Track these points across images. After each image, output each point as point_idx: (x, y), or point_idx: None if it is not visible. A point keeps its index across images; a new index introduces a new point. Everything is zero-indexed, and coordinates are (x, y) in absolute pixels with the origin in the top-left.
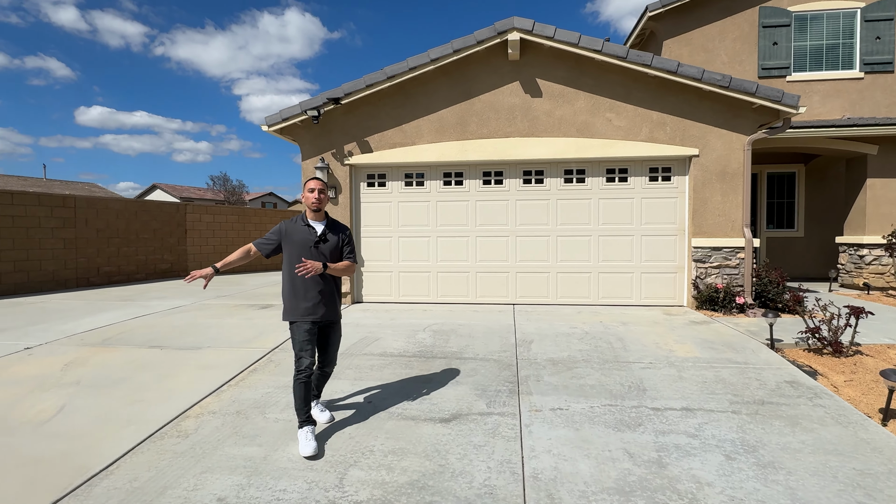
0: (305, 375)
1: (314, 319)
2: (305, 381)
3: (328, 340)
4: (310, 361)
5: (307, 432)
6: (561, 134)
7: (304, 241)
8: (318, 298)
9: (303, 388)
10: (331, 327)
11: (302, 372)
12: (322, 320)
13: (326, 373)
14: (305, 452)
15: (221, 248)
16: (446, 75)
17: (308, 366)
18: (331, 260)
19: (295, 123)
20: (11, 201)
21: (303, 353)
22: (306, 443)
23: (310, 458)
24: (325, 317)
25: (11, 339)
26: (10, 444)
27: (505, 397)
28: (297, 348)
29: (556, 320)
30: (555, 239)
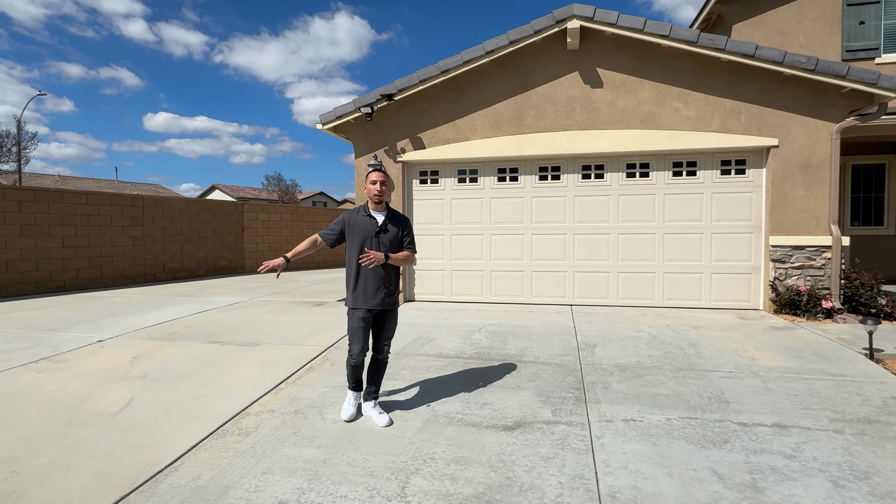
0: (355, 360)
1: (369, 307)
2: (354, 365)
3: (382, 327)
4: (360, 348)
5: (352, 397)
6: (623, 126)
7: (366, 231)
8: (375, 287)
9: (351, 369)
10: (386, 315)
11: (352, 357)
12: (377, 308)
13: (379, 360)
14: (344, 416)
15: (276, 246)
16: (501, 68)
17: (358, 352)
18: (391, 250)
19: (348, 121)
20: (86, 201)
21: (354, 339)
22: (347, 407)
23: (347, 421)
24: (381, 305)
25: (86, 332)
26: (83, 435)
27: (571, 405)
28: (350, 334)
29: (618, 323)
30: (615, 237)
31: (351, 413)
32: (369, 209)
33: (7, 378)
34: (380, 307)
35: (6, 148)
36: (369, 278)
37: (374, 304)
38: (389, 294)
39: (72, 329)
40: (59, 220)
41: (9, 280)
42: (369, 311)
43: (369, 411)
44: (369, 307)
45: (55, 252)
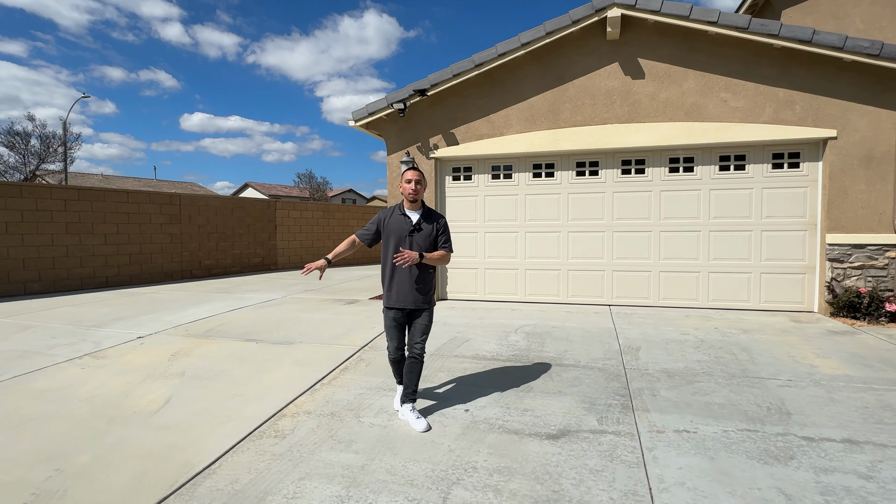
0: (393, 357)
1: (400, 306)
2: (394, 360)
3: (413, 325)
4: (395, 345)
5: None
6: (666, 118)
7: (400, 230)
8: (408, 286)
9: (394, 364)
10: (418, 314)
11: (390, 353)
12: (408, 307)
13: (412, 359)
14: (396, 406)
15: (307, 243)
16: (537, 60)
17: (394, 349)
18: (425, 249)
19: (380, 118)
20: (127, 199)
21: (389, 337)
22: (397, 398)
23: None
24: (414, 304)
25: (127, 328)
26: (124, 433)
27: (618, 413)
28: (386, 332)
29: (661, 324)
30: (657, 234)
31: (398, 399)
32: (404, 208)
33: (53, 373)
34: (412, 306)
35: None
36: (402, 278)
37: (407, 304)
38: (423, 293)
39: (113, 325)
40: (101, 217)
41: (55, 276)
42: (401, 310)
43: (406, 415)
44: (402, 306)
45: (98, 249)
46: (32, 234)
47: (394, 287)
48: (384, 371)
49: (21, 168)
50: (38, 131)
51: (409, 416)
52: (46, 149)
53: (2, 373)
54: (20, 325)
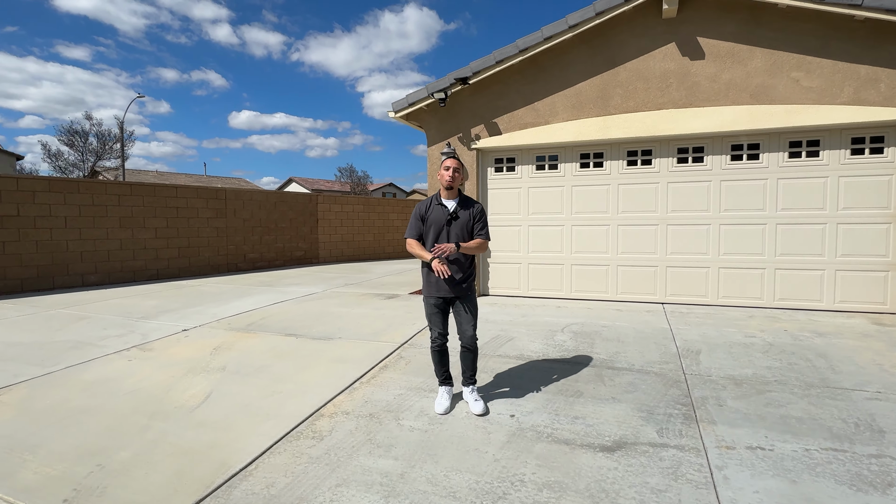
0: (437, 345)
1: (439, 295)
2: (437, 350)
3: (458, 315)
4: (438, 331)
5: (444, 392)
6: (728, 102)
7: (438, 219)
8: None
9: (436, 355)
10: (459, 302)
11: (434, 341)
12: (448, 296)
13: (466, 348)
14: (438, 410)
15: (348, 237)
16: (585, 43)
17: (437, 336)
18: (463, 236)
19: (421, 108)
20: (176, 194)
21: (431, 324)
22: (440, 401)
23: (441, 414)
24: (453, 293)
25: (173, 321)
26: (164, 430)
27: (679, 424)
28: (428, 320)
29: (723, 325)
30: (717, 227)
31: (445, 406)
32: (441, 197)
33: (102, 365)
34: (451, 294)
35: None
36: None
37: (445, 293)
38: (462, 281)
39: (161, 317)
40: (152, 212)
41: (110, 268)
42: (439, 298)
43: (466, 396)
44: (441, 295)
45: (149, 243)
46: (89, 228)
47: (433, 276)
48: (425, 370)
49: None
50: (95, 130)
51: (469, 398)
52: (103, 146)
53: (56, 363)
54: (77, 316)
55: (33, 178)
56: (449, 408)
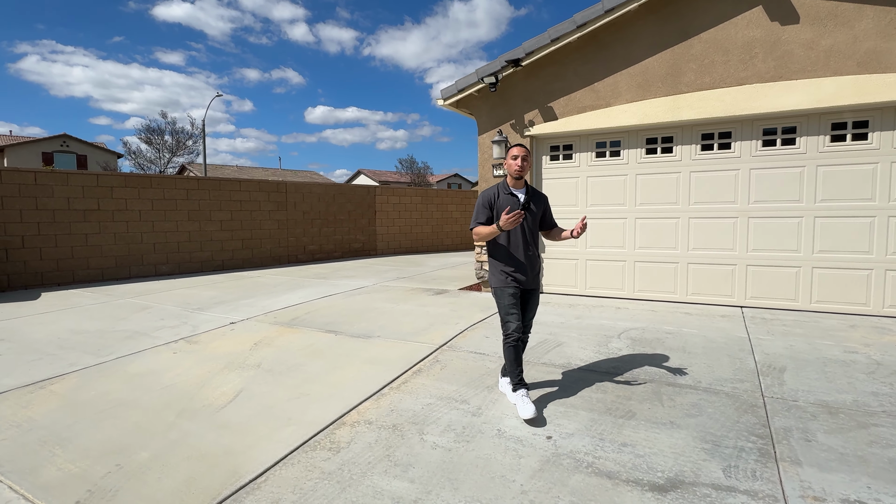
0: (514, 339)
1: (517, 285)
2: (514, 345)
3: (527, 307)
4: (516, 325)
5: (522, 395)
6: (829, 72)
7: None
8: (522, 264)
9: (512, 351)
10: (531, 294)
11: (510, 336)
12: (525, 286)
13: (524, 340)
14: (525, 415)
15: (406, 229)
16: (653, 13)
17: (515, 329)
18: (534, 227)
19: (471, 94)
20: (239, 188)
21: (509, 317)
22: (524, 406)
23: (529, 418)
24: (529, 283)
25: (224, 313)
26: (187, 430)
27: (753, 462)
28: (503, 312)
29: (815, 336)
30: (811, 220)
31: (533, 410)
32: (509, 186)
33: (148, 357)
34: (531, 286)
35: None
36: (517, 257)
37: (521, 283)
38: (537, 272)
39: (214, 309)
40: (218, 205)
41: (180, 259)
42: (517, 288)
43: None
44: (516, 285)
45: (215, 235)
46: (161, 221)
47: (510, 266)
48: (459, 377)
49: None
50: (170, 128)
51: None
52: (177, 143)
53: (110, 353)
54: (141, 306)
55: (111, 174)
56: (536, 410)
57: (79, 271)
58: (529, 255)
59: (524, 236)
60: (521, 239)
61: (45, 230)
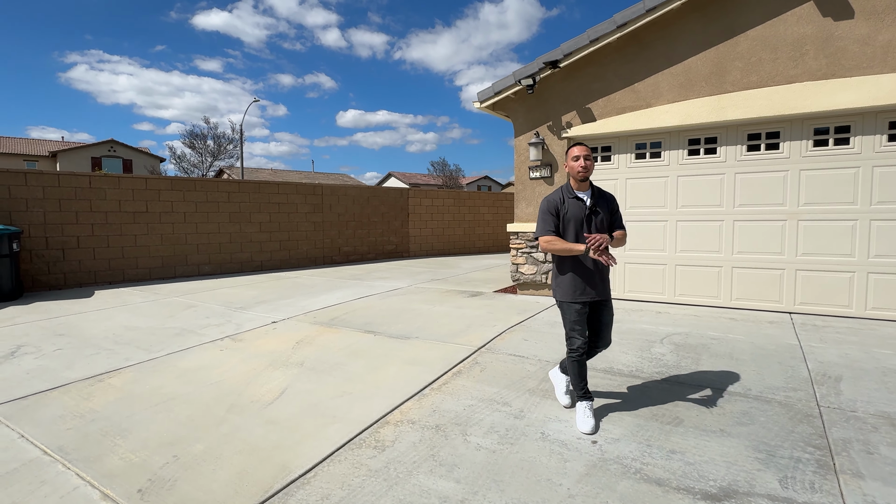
0: (578, 354)
1: (585, 300)
2: (579, 360)
3: (600, 320)
4: (581, 341)
5: (585, 407)
6: (887, 68)
7: (577, 215)
8: (591, 276)
9: (576, 365)
10: (603, 305)
11: (574, 351)
12: (593, 299)
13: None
14: (584, 429)
15: (438, 231)
16: (697, 11)
17: (580, 345)
18: (602, 231)
19: (507, 97)
20: (277, 191)
21: (573, 332)
22: (584, 419)
23: (588, 433)
24: (598, 295)
25: (265, 312)
26: (238, 424)
27: (811, 473)
28: (568, 328)
29: (873, 345)
30: (866, 223)
31: (592, 424)
32: (573, 189)
33: (197, 354)
34: (601, 297)
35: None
36: (586, 268)
37: (592, 296)
38: (607, 281)
39: (256, 308)
40: (257, 208)
41: (221, 260)
42: (584, 303)
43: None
44: (588, 298)
45: (254, 236)
46: (204, 223)
47: (578, 278)
48: (499, 379)
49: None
50: (212, 133)
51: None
52: (218, 148)
53: (161, 349)
54: (187, 304)
55: (158, 177)
56: (595, 425)
57: (128, 270)
58: (599, 263)
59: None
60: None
61: (98, 231)
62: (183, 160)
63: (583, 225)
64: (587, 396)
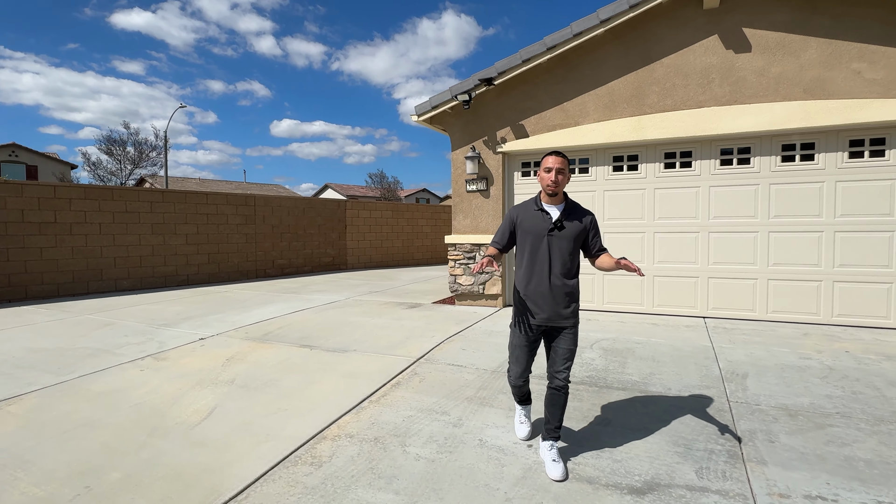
0: (514, 384)
1: (539, 323)
2: (519, 386)
3: (555, 348)
4: (520, 370)
5: (520, 413)
6: (779, 97)
7: (538, 228)
8: (548, 296)
9: (516, 390)
10: (558, 332)
11: (513, 379)
12: (547, 325)
13: (554, 391)
14: (520, 435)
15: (377, 243)
16: (618, 38)
17: (519, 374)
18: (567, 250)
19: (444, 111)
20: (206, 201)
21: (514, 360)
22: (518, 426)
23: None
24: (553, 320)
25: (192, 329)
26: (161, 448)
27: (723, 463)
28: (511, 353)
29: (773, 344)
30: (765, 235)
31: (526, 432)
32: (542, 202)
33: (113, 375)
34: (554, 323)
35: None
36: (544, 286)
37: (544, 319)
38: (569, 305)
39: (181, 325)
40: (183, 219)
41: (142, 274)
42: (538, 326)
43: (544, 454)
44: (540, 322)
45: (180, 248)
46: (122, 235)
47: (528, 297)
48: (438, 389)
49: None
50: (132, 139)
51: (546, 456)
52: (140, 155)
53: (71, 371)
54: (102, 322)
55: (69, 185)
56: (530, 433)
57: (32, 287)
58: (556, 283)
59: (550, 260)
60: (546, 263)
61: None
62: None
63: (542, 240)
64: (525, 401)
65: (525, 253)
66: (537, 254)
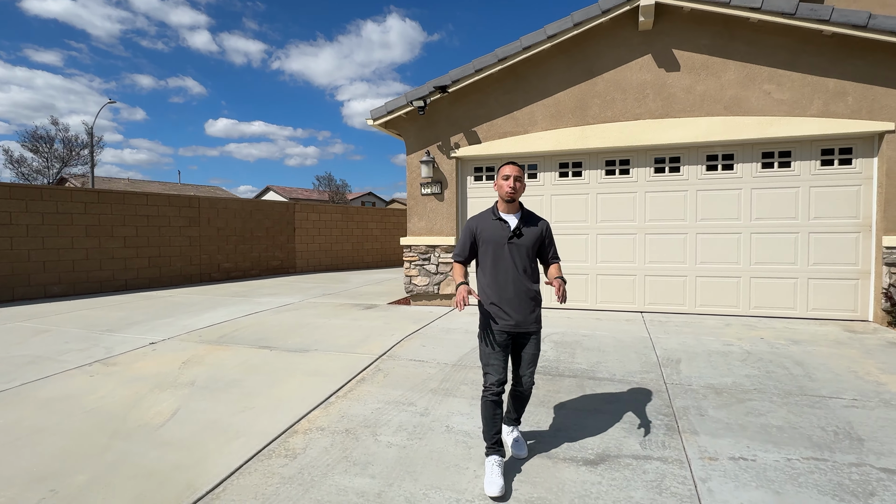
0: (492, 393)
1: (508, 329)
2: (494, 400)
3: (521, 352)
4: (497, 377)
5: (493, 464)
6: (703, 113)
7: (497, 237)
8: (515, 303)
9: (490, 406)
10: (525, 338)
11: (488, 389)
12: (516, 330)
13: (520, 392)
14: (490, 492)
15: (326, 246)
16: (564, 53)
17: (494, 382)
18: (527, 257)
19: (399, 116)
20: (146, 202)
21: (490, 367)
22: (491, 479)
23: (495, 498)
24: (521, 325)
25: (140, 334)
26: (126, 450)
27: (662, 435)
28: (483, 361)
29: (701, 334)
30: (693, 237)
31: (500, 485)
32: (499, 210)
33: (60, 382)
34: (522, 328)
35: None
36: (509, 293)
37: (511, 326)
38: (533, 311)
39: (127, 330)
40: (121, 220)
41: (75, 279)
42: (506, 332)
43: (507, 437)
44: (509, 329)
45: (117, 252)
46: (53, 237)
47: (494, 304)
48: (403, 382)
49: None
50: (61, 135)
51: (508, 438)
52: (69, 153)
53: (10, 380)
54: (36, 329)
55: None
56: (504, 487)
57: None
58: (521, 289)
59: (514, 266)
60: (510, 269)
61: None
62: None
63: (503, 248)
64: (497, 449)
65: (488, 262)
66: (500, 262)
